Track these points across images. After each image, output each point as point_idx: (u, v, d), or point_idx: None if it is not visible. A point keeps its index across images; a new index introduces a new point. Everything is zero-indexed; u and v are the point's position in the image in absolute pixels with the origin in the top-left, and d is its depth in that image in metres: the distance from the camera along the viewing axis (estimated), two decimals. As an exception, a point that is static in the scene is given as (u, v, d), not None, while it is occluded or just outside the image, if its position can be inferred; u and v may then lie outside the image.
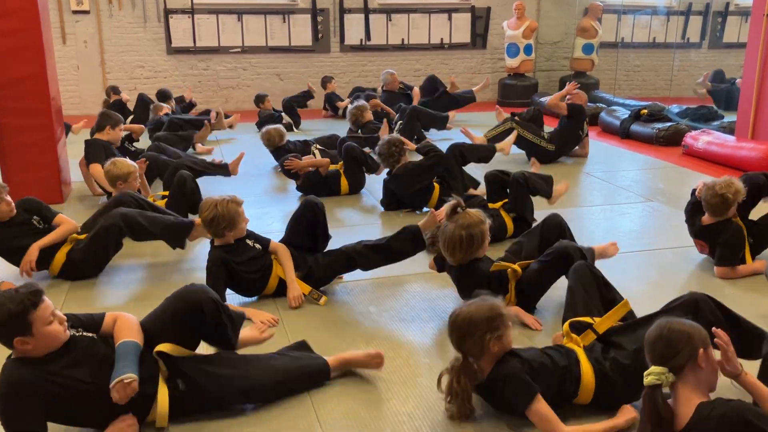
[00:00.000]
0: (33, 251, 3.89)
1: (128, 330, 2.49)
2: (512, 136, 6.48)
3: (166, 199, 5.00)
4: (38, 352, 2.30)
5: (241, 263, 3.55)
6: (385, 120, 7.30)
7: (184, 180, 4.94)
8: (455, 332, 2.53)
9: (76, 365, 2.36)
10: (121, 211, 4.03)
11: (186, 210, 4.89)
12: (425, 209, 5.23)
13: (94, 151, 5.47)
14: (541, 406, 2.42)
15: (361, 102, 7.87)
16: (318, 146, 6.58)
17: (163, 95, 8.89)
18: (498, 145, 6.03)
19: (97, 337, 2.50)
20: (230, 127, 8.59)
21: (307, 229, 3.82)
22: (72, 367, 2.35)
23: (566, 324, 2.79)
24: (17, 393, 2.27)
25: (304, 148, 6.66)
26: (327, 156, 6.33)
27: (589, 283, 2.99)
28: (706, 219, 4.09)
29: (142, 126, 7.36)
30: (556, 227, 3.70)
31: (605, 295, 3.00)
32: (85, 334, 2.46)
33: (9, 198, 3.87)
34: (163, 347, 2.53)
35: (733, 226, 4.03)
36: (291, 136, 7.36)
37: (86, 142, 5.71)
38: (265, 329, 3.00)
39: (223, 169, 5.85)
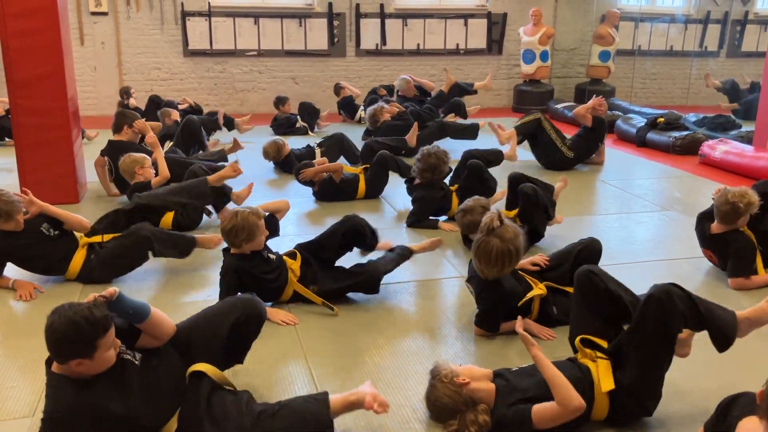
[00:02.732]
0: (40, 204, 3.89)
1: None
2: (513, 142, 6.53)
3: None
4: (89, 374, 2.23)
5: (258, 273, 3.53)
6: (416, 123, 7.22)
7: (194, 174, 4.96)
8: (436, 419, 2.64)
9: (120, 390, 2.29)
10: (150, 228, 4.08)
11: (200, 207, 4.94)
12: (443, 218, 5.20)
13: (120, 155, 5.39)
14: (538, 416, 2.43)
15: (380, 103, 7.90)
16: (319, 145, 6.70)
17: (170, 105, 8.75)
18: (506, 154, 6.17)
19: (140, 357, 2.41)
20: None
21: (339, 250, 3.85)
22: (117, 392, 2.27)
23: (577, 340, 2.72)
24: (69, 421, 2.20)
25: (309, 153, 6.68)
26: (330, 153, 6.35)
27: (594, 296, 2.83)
28: (715, 227, 4.07)
29: (159, 123, 7.34)
30: (595, 254, 3.59)
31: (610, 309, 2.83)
32: (132, 359, 2.37)
33: (20, 217, 3.81)
34: (203, 367, 2.48)
35: (743, 236, 4.01)
36: (300, 142, 7.38)
37: (110, 144, 5.72)
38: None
39: (227, 195, 5.35)
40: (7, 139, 7.72)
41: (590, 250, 3.57)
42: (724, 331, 2.59)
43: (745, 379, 2.74)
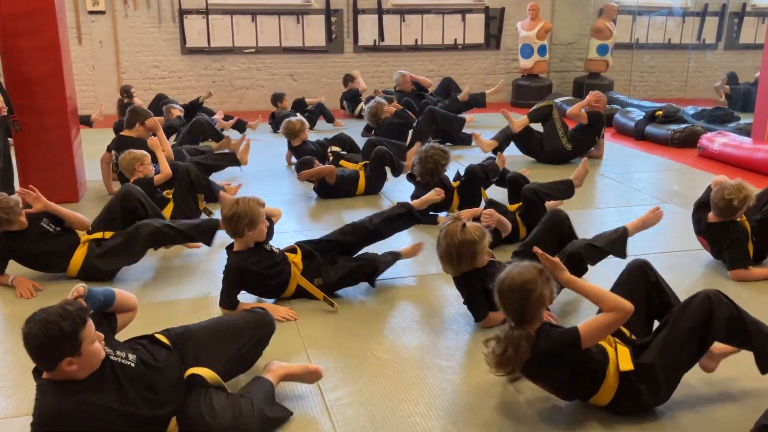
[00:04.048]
0: (45, 202, 3.94)
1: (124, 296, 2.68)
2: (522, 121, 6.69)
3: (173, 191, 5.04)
4: (81, 374, 2.22)
5: (261, 270, 3.53)
6: (417, 144, 7.19)
7: (186, 170, 4.97)
8: (513, 295, 2.50)
9: (112, 391, 2.29)
10: (153, 225, 4.05)
11: (194, 201, 4.98)
12: (443, 213, 5.20)
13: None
14: (587, 329, 2.46)
15: (380, 99, 7.89)
16: (334, 148, 6.61)
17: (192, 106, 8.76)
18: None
19: (135, 357, 2.42)
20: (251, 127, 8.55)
21: (354, 248, 3.91)
22: (109, 393, 2.27)
23: None
24: (57, 425, 2.19)
25: (321, 150, 6.67)
26: (344, 157, 6.36)
27: (638, 287, 2.88)
28: (712, 217, 4.10)
29: (162, 118, 7.38)
30: (559, 225, 3.72)
31: (653, 303, 2.89)
32: (125, 362, 2.37)
33: (23, 218, 3.82)
34: (201, 371, 2.51)
35: (738, 227, 4.04)
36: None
37: (120, 138, 5.74)
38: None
39: (232, 159, 5.77)
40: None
41: (555, 221, 3.71)
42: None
43: (747, 375, 2.76)
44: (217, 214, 5.13)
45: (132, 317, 2.76)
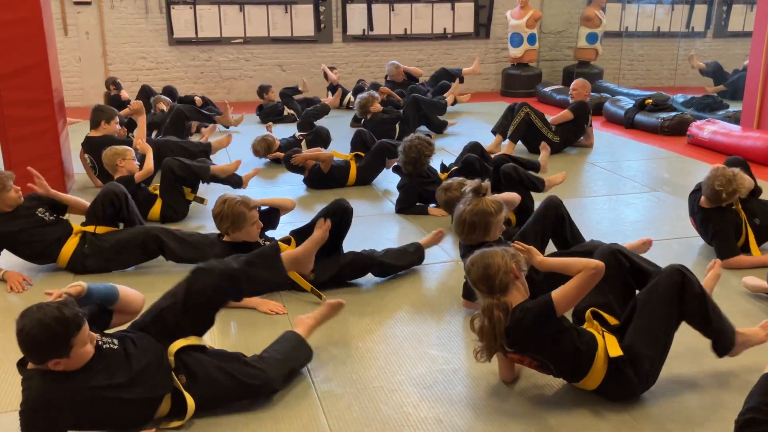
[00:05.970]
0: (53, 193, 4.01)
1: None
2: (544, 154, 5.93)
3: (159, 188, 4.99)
4: (68, 369, 2.25)
5: None
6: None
7: (169, 167, 4.90)
8: (474, 268, 2.56)
9: (100, 376, 2.31)
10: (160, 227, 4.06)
11: (181, 195, 4.95)
12: (433, 204, 5.19)
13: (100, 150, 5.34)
14: (560, 295, 2.46)
15: (371, 92, 7.82)
16: (300, 135, 6.67)
17: (169, 93, 8.66)
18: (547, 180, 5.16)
19: (118, 342, 2.44)
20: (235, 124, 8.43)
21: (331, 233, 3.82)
22: (97, 378, 2.30)
23: (588, 311, 2.73)
24: (45, 411, 2.22)
25: (294, 143, 6.65)
26: (315, 145, 6.34)
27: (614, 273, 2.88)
28: (703, 201, 4.13)
29: (140, 102, 7.33)
30: (555, 209, 3.71)
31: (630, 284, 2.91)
32: (111, 346, 2.39)
33: (17, 192, 3.81)
34: (178, 343, 2.54)
35: (725, 216, 4.05)
36: (288, 130, 7.31)
37: (88, 140, 5.67)
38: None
39: (236, 181, 5.49)
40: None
41: (550, 208, 3.68)
42: (725, 340, 2.68)
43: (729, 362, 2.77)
44: (210, 206, 5.10)
45: (132, 319, 2.69)
